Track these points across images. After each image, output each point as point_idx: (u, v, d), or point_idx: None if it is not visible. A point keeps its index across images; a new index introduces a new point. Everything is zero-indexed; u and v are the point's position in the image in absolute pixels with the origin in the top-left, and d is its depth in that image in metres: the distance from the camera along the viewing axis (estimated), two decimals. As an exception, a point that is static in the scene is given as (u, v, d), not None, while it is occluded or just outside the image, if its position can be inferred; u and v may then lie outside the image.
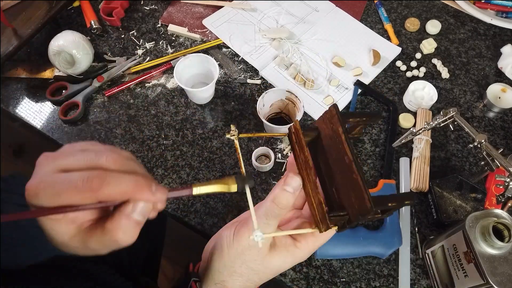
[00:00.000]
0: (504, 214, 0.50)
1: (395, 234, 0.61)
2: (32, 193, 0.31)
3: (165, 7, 0.88)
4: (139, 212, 0.33)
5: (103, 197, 0.31)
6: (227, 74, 0.79)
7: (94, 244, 0.34)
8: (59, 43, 0.73)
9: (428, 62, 0.82)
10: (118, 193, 0.31)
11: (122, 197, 0.32)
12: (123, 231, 0.32)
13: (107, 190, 0.31)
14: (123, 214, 0.32)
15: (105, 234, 0.33)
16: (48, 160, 0.33)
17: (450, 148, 0.73)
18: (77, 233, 0.33)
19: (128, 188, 0.31)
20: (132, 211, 0.32)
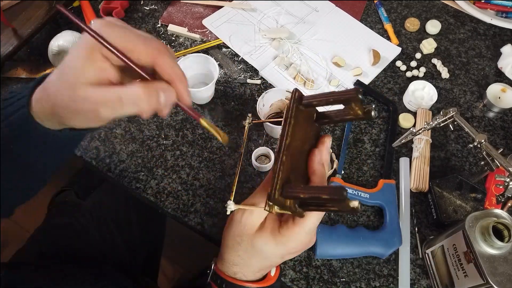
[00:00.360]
0: (504, 214, 0.50)
1: (395, 234, 0.61)
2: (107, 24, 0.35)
3: (165, 7, 0.88)
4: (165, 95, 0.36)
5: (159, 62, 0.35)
6: (227, 74, 0.79)
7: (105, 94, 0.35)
8: (59, 43, 0.73)
9: (428, 62, 0.82)
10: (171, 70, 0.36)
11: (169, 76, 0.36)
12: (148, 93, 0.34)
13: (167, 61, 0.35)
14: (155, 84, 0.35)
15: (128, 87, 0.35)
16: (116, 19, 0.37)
17: (450, 148, 0.73)
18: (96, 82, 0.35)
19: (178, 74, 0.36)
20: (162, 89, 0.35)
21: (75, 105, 0.36)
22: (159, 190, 0.67)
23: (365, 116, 0.40)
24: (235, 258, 0.47)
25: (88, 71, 0.35)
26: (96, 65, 0.35)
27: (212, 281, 0.50)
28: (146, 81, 0.36)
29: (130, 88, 0.35)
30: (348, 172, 0.70)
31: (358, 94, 0.36)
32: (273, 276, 0.50)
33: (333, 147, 0.72)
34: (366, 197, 0.65)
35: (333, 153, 0.68)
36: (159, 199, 0.66)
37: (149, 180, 0.68)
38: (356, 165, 0.70)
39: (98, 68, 0.35)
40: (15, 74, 0.78)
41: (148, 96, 0.34)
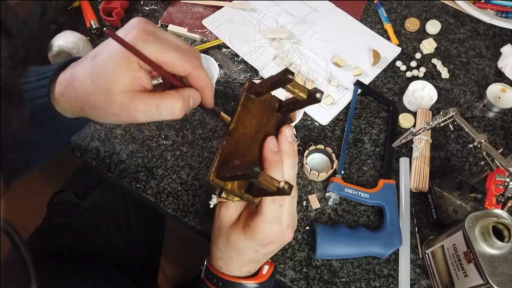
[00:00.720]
0: (504, 214, 0.50)
1: (395, 234, 0.61)
2: (142, 36, 0.36)
3: (165, 7, 0.88)
4: (194, 98, 0.40)
5: (194, 74, 0.39)
6: (227, 74, 0.79)
7: (143, 104, 0.37)
8: (59, 43, 0.73)
9: (428, 62, 0.82)
10: (203, 82, 0.40)
11: (200, 86, 0.40)
12: (183, 101, 0.38)
13: (200, 72, 0.39)
14: (187, 90, 0.39)
15: (164, 97, 0.38)
16: (148, 23, 0.38)
17: (450, 148, 0.73)
18: (130, 90, 0.37)
19: (208, 84, 0.40)
20: (191, 95, 0.39)
21: (113, 109, 0.38)
22: (159, 190, 0.67)
23: (310, 99, 0.40)
24: (217, 251, 0.48)
25: (125, 79, 0.37)
26: (133, 73, 0.37)
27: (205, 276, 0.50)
28: (177, 89, 0.39)
29: (167, 98, 0.38)
30: (348, 172, 0.70)
31: (286, 74, 0.37)
32: (265, 274, 0.50)
33: (333, 147, 0.72)
34: (366, 197, 0.65)
35: (333, 153, 0.68)
36: (159, 199, 0.66)
37: (149, 180, 0.68)
38: (356, 165, 0.70)
39: (134, 76, 0.37)
40: (15, 74, 0.78)
41: (182, 105, 0.39)
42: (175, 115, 0.39)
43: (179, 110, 0.38)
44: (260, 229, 0.43)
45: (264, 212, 0.42)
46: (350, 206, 0.67)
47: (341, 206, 0.67)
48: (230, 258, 0.48)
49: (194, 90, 0.40)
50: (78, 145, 0.71)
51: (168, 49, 0.37)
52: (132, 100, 0.37)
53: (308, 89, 0.40)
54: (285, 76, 0.37)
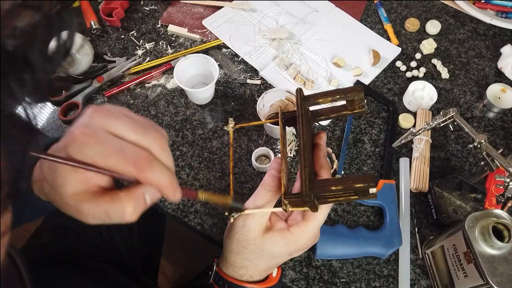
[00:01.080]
0: (504, 214, 0.50)
1: (395, 234, 0.61)
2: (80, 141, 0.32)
3: (165, 7, 0.88)
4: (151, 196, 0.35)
5: (142, 178, 0.33)
6: (227, 75, 0.79)
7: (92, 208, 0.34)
8: (59, 44, 0.73)
9: (428, 62, 0.82)
10: (155, 182, 0.33)
11: (156, 186, 0.34)
12: (135, 204, 0.34)
13: (150, 175, 0.33)
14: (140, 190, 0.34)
15: (114, 201, 0.34)
16: (99, 115, 0.33)
17: (450, 148, 0.73)
18: (81, 192, 0.34)
19: (165, 181, 0.33)
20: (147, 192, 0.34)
21: (66, 210, 0.36)
22: (159, 190, 0.67)
23: (360, 110, 0.42)
24: (243, 261, 0.48)
25: (74, 183, 0.34)
26: (82, 177, 0.34)
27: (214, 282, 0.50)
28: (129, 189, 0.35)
29: (116, 202, 0.34)
30: (348, 172, 0.70)
31: (362, 92, 0.39)
32: (275, 276, 0.51)
33: (333, 147, 0.72)
34: (366, 197, 0.65)
35: (333, 153, 0.68)
36: (159, 199, 0.66)
37: (149, 180, 0.68)
38: (356, 165, 0.70)
39: (84, 179, 0.34)
40: (15, 74, 0.78)
41: (135, 208, 0.34)
42: (126, 220, 0.34)
43: (129, 215, 0.34)
44: (307, 234, 0.45)
45: (318, 218, 0.44)
46: (350, 206, 0.67)
47: (341, 206, 0.67)
48: (257, 265, 0.48)
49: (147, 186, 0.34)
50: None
51: (110, 152, 0.32)
52: (80, 204, 0.34)
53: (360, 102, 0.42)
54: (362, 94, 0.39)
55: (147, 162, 0.33)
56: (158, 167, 0.33)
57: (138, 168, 0.32)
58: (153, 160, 0.33)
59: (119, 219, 0.34)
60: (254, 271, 0.48)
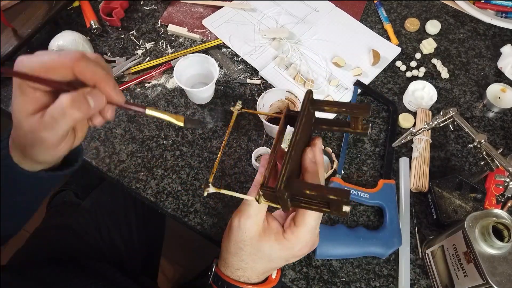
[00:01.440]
0: (503, 214, 0.50)
1: (395, 234, 0.61)
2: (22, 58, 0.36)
3: (165, 7, 0.88)
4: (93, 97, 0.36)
5: (78, 70, 0.35)
6: (226, 74, 0.79)
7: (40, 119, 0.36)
8: (59, 43, 0.73)
9: (428, 62, 0.82)
10: (91, 75, 0.35)
11: (92, 80, 0.36)
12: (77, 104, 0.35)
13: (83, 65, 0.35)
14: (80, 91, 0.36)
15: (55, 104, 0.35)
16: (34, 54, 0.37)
17: (450, 148, 0.73)
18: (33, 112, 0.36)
19: (100, 75, 0.36)
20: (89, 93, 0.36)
21: (27, 140, 0.38)
22: (159, 190, 0.67)
23: (362, 131, 0.43)
24: (239, 263, 0.48)
25: (24, 105, 0.37)
26: (29, 97, 0.36)
27: (213, 282, 0.50)
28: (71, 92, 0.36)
29: (56, 102, 0.35)
30: (348, 172, 0.70)
31: (369, 111, 0.39)
32: (274, 278, 0.50)
33: (333, 147, 0.72)
34: (366, 197, 0.65)
35: (333, 153, 0.68)
36: (159, 199, 0.66)
37: (149, 180, 0.68)
38: (356, 165, 0.70)
39: (31, 100, 0.37)
40: (15, 74, 0.78)
41: (75, 103, 0.35)
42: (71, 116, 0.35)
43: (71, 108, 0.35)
44: (300, 240, 0.44)
45: (308, 223, 0.43)
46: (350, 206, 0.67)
47: (341, 206, 0.67)
48: (254, 267, 0.47)
49: (89, 88, 0.36)
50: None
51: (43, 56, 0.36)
52: (31, 119, 0.36)
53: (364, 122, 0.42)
54: (368, 113, 0.40)
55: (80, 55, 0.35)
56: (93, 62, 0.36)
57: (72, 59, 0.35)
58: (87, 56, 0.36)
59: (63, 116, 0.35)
60: (251, 274, 0.48)
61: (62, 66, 0.35)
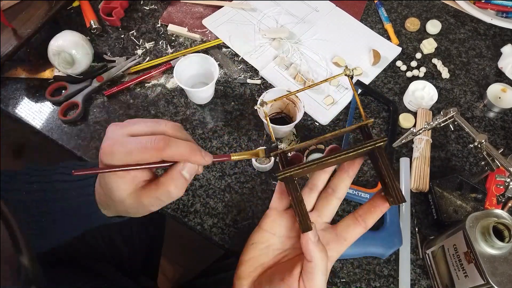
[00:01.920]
0: (504, 214, 0.50)
1: (395, 234, 0.61)
2: (108, 151, 0.38)
3: (165, 7, 0.88)
4: (188, 170, 0.40)
5: (165, 156, 0.38)
6: (227, 74, 0.79)
7: (147, 199, 0.40)
8: (59, 43, 0.73)
9: (428, 62, 0.82)
10: (178, 154, 0.38)
11: (180, 158, 0.39)
12: (175, 183, 0.39)
13: (170, 151, 0.38)
14: (175, 170, 0.39)
15: (159, 187, 0.39)
16: (117, 127, 0.40)
17: (450, 148, 0.73)
18: (134, 191, 0.40)
19: (185, 151, 0.38)
20: (183, 169, 0.39)
21: (131, 210, 0.42)
22: (159, 190, 0.67)
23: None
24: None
25: (124, 187, 0.39)
26: (127, 179, 0.39)
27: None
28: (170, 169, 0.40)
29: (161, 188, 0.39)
30: (348, 172, 0.70)
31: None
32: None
33: (333, 147, 0.72)
34: (366, 197, 0.65)
35: None
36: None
37: (149, 180, 0.68)
38: (356, 165, 0.70)
39: (130, 179, 0.40)
40: (15, 74, 0.78)
41: (176, 186, 0.39)
42: (175, 197, 0.40)
43: (175, 193, 0.39)
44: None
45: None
46: (350, 206, 0.67)
47: (341, 207, 0.66)
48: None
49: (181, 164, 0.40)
50: (78, 144, 0.71)
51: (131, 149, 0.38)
52: (138, 200, 0.40)
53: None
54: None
55: (163, 141, 0.38)
56: (174, 141, 0.38)
57: (157, 149, 0.37)
58: (168, 138, 0.38)
59: (169, 199, 0.40)
60: None
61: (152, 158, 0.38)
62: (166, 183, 0.39)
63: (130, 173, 0.39)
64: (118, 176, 0.39)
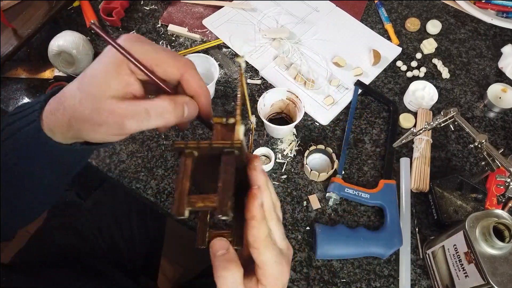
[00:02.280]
0: (504, 214, 0.50)
1: (395, 234, 0.61)
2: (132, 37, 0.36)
3: (165, 7, 0.88)
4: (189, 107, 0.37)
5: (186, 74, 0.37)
6: (227, 74, 0.79)
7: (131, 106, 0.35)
8: (59, 43, 0.73)
9: (429, 62, 0.82)
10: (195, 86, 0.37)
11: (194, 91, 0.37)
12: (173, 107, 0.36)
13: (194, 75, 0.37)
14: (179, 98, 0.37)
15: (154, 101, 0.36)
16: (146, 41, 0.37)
17: (450, 148, 0.73)
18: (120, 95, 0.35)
19: (204, 88, 0.38)
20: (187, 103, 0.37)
21: (99, 117, 0.35)
22: (159, 190, 0.67)
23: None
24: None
25: (114, 85, 0.35)
26: (122, 79, 0.35)
27: None
28: (170, 95, 0.37)
29: (157, 101, 0.35)
30: (349, 172, 0.70)
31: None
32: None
33: (334, 147, 0.72)
34: (366, 197, 0.65)
35: (333, 153, 0.68)
36: (159, 199, 0.66)
37: (149, 180, 0.68)
38: (357, 165, 0.70)
39: (124, 82, 0.35)
40: (15, 74, 0.78)
41: (174, 109, 0.36)
42: (166, 120, 0.36)
43: (170, 113, 0.35)
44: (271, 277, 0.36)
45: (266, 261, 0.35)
46: (350, 206, 0.67)
47: (342, 206, 0.66)
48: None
49: (188, 97, 0.37)
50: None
51: (159, 50, 0.36)
52: (119, 105, 0.35)
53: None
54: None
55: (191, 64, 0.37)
56: (198, 74, 0.38)
57: (186, 65, 0.36)
58: (194, 67, 0.38)
59: (158, 116, 0.35)
60: None
61: (174, 67, 0.36)
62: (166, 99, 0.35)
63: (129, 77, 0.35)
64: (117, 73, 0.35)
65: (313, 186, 0.68)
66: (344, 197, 0.66)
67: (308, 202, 0.66)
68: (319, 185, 0.68)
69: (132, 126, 0.35)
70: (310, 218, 0.65)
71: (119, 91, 0.35)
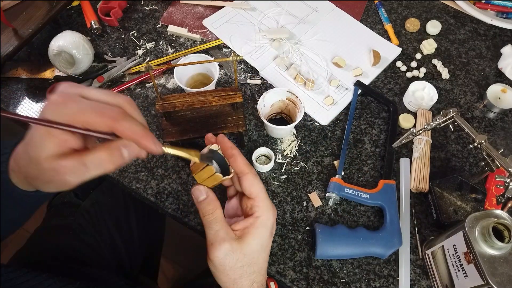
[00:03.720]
0: (504, 214, 0.50)
1: (395, 234, 0.61)
2: (60, 102, 0.35)
3: (165, 7, 0.88)
4: (129, 151, 0.37)
5: (117, 129, 0.36)
6: (227, 75, 0.79)
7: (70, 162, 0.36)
8: (59, 43, 0.73)
9: (428, 63, 0.82)
10: (130, 132, 0.36)
11: (131, 137, 0.36)
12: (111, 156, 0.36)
13: (124, 125, 0.36)
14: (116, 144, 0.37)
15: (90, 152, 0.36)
16: (71, 85, 0.37)
17: (450, 148, 0.73)
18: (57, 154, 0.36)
19: (139, 131, 0.36)
20: (125, 146, 0.37)
21: (45, 177, 0.37)
22: (159, 190, 0.67)
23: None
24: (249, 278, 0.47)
25: (49, 146, 0.36)
26: (56, 139, 0.36)
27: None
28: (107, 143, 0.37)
29: (94, 153, 0.36)
30: (348, 172, 0.70)
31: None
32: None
33: (333, 148, 0.72)
34: (366, 198, 0.65)
35: None
36: (159, 200, 0.66)
37: (149, 180, 0.68)
38: (356, 166, 0.70)
39: (59, 141, 0.36)
40: (15, 74, 0.78)
41: (110, 158, 0.36)
42: (104, 168, 0.37)
43: (107, 162, 0.36)
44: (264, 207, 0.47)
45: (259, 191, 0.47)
46: (350, 206, 0.67)
47: (341, 207, 0.67)
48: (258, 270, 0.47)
49: (124, 140, 0.37)
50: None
51: (86, 108, 0.36)
52: (59, 163, 0.36)
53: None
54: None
55: (121, 114, 0.36)
56: (131, 119, 0.36)
57: (113, 119, 0.35)
58: (126, 114, 0.37)
59: (97, 167, 0.36)
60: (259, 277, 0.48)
61: (102, 123, 0.35)
62: (101, 149, 0.36)
63: (63, 135, 0.36)
64: (49, 134, 0.36)
65: (313, 186, 0.68)
66: (343, 197, 0.66)
67: (308, 202, 0.66)
68: (319, 185, 0.68)
69: (75, 180, 0.37)
70: (310, 218, 0.65)
71: (56, 150, 0.36)
